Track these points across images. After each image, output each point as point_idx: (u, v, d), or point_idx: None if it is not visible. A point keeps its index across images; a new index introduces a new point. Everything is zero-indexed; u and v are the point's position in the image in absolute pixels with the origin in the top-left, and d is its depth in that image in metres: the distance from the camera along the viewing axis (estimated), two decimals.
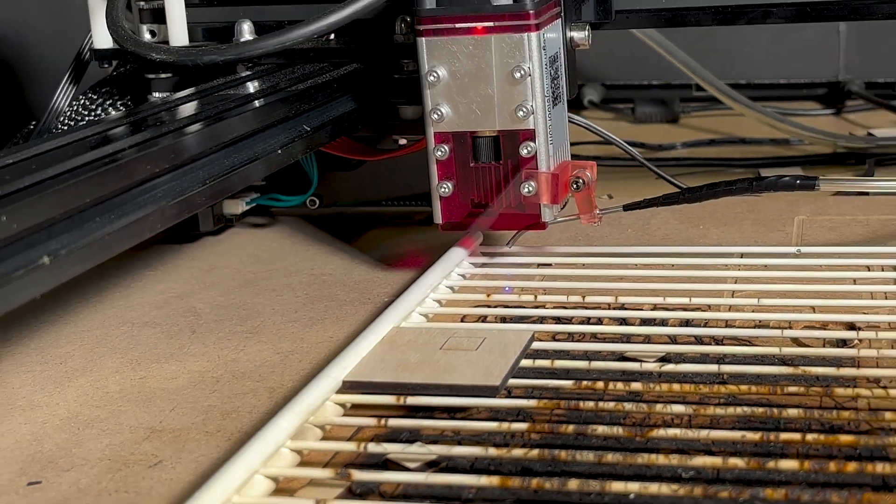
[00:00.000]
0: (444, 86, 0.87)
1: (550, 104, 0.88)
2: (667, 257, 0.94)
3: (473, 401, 0.69)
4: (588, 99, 1.67)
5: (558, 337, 0.79)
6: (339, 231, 1.12)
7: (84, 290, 0.98)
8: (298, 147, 0.89)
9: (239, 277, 1.00)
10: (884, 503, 0.55)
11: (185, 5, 1.05)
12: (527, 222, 0.90)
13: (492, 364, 0.71)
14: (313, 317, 0.90)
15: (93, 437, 0.72)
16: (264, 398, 0.76)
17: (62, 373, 0.82)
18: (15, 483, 0.66)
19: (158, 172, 0.74)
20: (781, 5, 0.99)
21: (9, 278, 0.59)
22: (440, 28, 0.86)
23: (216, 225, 1.12)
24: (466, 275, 0.91)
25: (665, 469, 0.60)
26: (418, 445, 0.65)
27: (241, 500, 0.59)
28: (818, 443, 0.62)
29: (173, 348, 0.85)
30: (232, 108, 0.87)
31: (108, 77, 1.10)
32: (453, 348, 0.74)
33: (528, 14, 0.85)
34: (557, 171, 0.89)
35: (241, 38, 1.05)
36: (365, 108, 1.00)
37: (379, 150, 1.09)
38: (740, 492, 0.57)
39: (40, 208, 0.63)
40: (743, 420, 0.65)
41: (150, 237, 0.72)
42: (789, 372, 0.70)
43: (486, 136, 0.88)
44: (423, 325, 0.81)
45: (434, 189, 0.90)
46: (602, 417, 0.67)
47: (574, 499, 0.58)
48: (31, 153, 0.73)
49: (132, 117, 0.86)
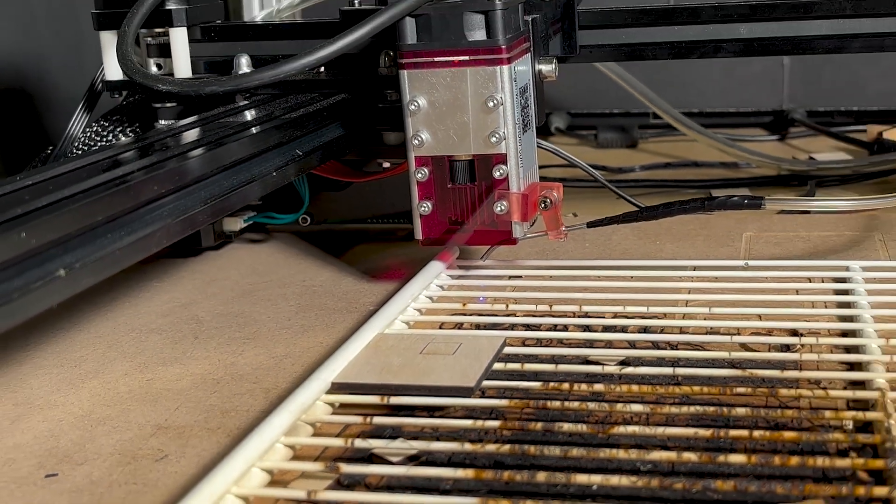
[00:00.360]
0: (424, 114, 0.87)
1: (521, 131, 0.89)
2: (626, 270, 0.94)
3: (450, 400, 0.69)
4: (555, 126, 1.67)
5: (528, 342, 0.79)
6: (329, 246, 1.12)
7: (96, 300, 0.98)
8: (291, 170, 0.89)
9: (237, 288, 1.00)
10: (823, 493, 0.55)
11: (188, 41, 1.05)
12: (499, 238, 0.90)
13: (467, 367, 0.71)
14: (305, 324, 0.90)
15: (104, 433, 0.72)
16: (260, 398, 0.76)
17: (76, 375, 0.82)
18: (34, 475, 0.66)
19: (164, 193, 0.74)
20: (730, 41, 1.00)
21: (28, 289, 0.59)
22: (420, 61, 0.86)
23: (216, 241, 1.12)
24: (444, 286, 0.91)
25: (625, 463, 0.60)
26: (400, 441, 0.65)
27: (239, 491, 0.59)
28: (764, 439, 0.62)
29: (177, 353, 0.85)
30: (231, 135, 0.87)
31: (119, 106, 1.09)
32: (432, 353, 0.74)
33: (501, 49, 0.85)
34: (527, 191, 0.89)
35: (239, 71, 1.05)
36: (352, 134, 1.00)
37: (365, 172, 1.09)
38: (693, 483, 0.57)
39: (57, 225, 0.63)
40: (695, 418, 0.65)
41: (156, 252, 0.72)
42: (738, 374, 0.71)
43: (463, 160, 0.88)
44: (405, 332, 0.81)
45: (415, 208, 0.90)
46: (567, 416, 0.67)
47: (542, 490, 0.58)
48: (49, 175, 0.73)
49: (140, 143, 0.86)
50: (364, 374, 0.72)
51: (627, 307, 0.85)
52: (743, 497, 0.56)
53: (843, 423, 0.64)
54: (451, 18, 0.85)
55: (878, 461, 0.58)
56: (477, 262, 0.97)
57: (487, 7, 0.85)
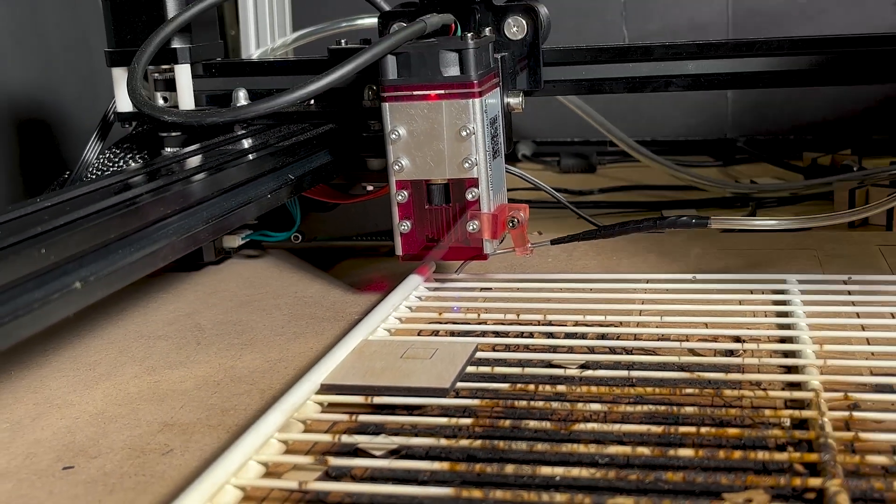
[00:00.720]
0: (403, 142, 0.87)
1: (491, 157, 0.89)
2: (586, 283, 0.95)
3: (428, 400, 0.69)
4: (522, 153, 1.67)
5: (497, 348, 0.79)
6: (318, 261, 1.12)
7: (109, 310, 0.98)
8: (284, 192, 0.89)
9: (236, 299, 1.00)
10: (763, 484, 0.56)
11: (191, 76, 1.06)
12: (471, 254, 0.90)
13: (443, 370, 0.72)
14: (297, 331, 0.90)
15: (116, 430, 0.72)
16: (256, 398, 0.76)
17: (91, 377, 0.82)
18: (52, 467, 0.67)
19: (170, 213, 0.75)
20: (680, 77, 1.01)
21: (47, 300, 0.59)
22: (401, 95, 0.86)
23: (217, 256, 1.12)
24: (422, 297, 0.91)
25: (585, 456, 0.61)
26: (383, 437, 0.65)
27: (237, 482, 0.59)
28: (710, 435, 0.62)
29: (182, 357, 0.85)
30: (230, 161, 0.87)
31: (129, 135, 1.10)
32: (411, 357, 0.74)
33: (473, 83, 0.85)
34: (497, 212, 0.89)
35: (237, 103, 1.05)
36: (339, 160, 1.00)
37: (350, 194, 1.09)
38: (646, 475, 0.57)
39: (73, 242, 0.63)
40: (648, 416, 0.66)
41: (162, 266, 0.72)
42: (686, 377, 0.71)
43: (439, 184, 0.88)
44: (387, 339, 0.81)
45: (395, 227, 0.90)
46: (533, 414, 0.67)
47: (510, 481, 0.59)
48: (66, 197, 0.73)
49: (148, 168, 0.86)
50: (350, 377, 0.72)
51: (587, 316, 0.85)
52: (691, 487, 0.57)
53: (782, 420, 0.64)
54: (429, 56, 0.86)
55: (813, 455, 0.58)
56: (451, 275, 0.98)
57: (461, 46, 0.86)
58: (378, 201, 1.04)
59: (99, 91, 1.45)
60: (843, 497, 0.54)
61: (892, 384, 0.68)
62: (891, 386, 0.68)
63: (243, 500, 0.59)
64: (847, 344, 0.76)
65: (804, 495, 0.56)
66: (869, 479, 0.56)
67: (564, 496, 0.55)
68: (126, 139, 1.09)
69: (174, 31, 1.02)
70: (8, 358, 0.86)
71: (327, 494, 0.59)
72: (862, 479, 0.56)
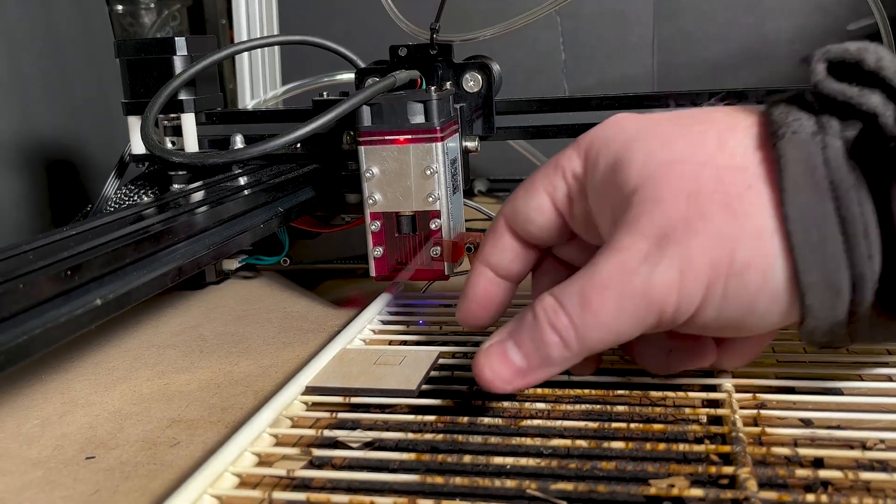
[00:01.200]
0: (377, 180, 0.88)
1: (451, 192, 0.89)
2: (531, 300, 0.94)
3: (397, 400, 0.69)
4: (478, 189, 1.67)
5: (457, 355, 0.79)
6: (304, 281, 1.12)
7: (125, 323, 0.97)
8: (275, 223, 0.89)
9: (233, 314, 1.00)
10: (684, 471, 0.56)
11: (195, 123, 1.06)
12: (435, 275, 0.90)
13: (410, 374, 0.72)
14: (285, 341, 0.90)
15: (131, 425, 0.72)
16: (251, 398, 0.76)
17: (110, 380, 0.82)
18: (77, 457, 0.67)
19: (177, 241, 0.75)
20: None
21: (72, 315, 0.59)
22: (374, 139, 0.87)
23: (217, 277, 1.12)
24: (392, 312, 0.91)
25: (531, 448, 0.61)
26: (359, 431, 0.65)
27: (234, 470, 0.59)
28: (638, 430, 0.63)
29: (188, 363, 0.85)
30: (228, 196, 0.87)
31: (142, 174, 1.09)
32: (383, 363, 0.74)
33: (436, 130, 0.86)
34: (456, 239, 0.89)
35: (234, 146, 1.05)
36: (321, 195, 1.01)
37: (331, 224, 1.09)
38: (584, 464, 0.58)
39: (95, 266, 0.63)
40: (586, 414, 0.66)
41: (171, 286, 0.73)
42: (618, 380, 0.71)
43: (407, 215, 0.88)
44: (363, 347, 0.81)
45: (370, 252, 0.90)
46: (487, 412, 0.67)
47: (468, 469, 0.59)
48: (88, 227, 0.73)
49: (159, 202, 0.87)
50: (331, 380, 0.72)
51: None
52: (622, 475, 0.57)
53: (699, 417, 0.65)
54: (398, 106, 0.86)
55: (726, 447, 0.59)
56: (418, 293, 0.98)
57: (425, 98, 0.86)
58: (355, 230, 1.04)
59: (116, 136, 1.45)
60: (751, 483, 0.54)
61: (794, 386, 0.68)
62: (792, 388, 0.68)
63: (240, 485, 0.59)
64: None
65: (719, 481, 0.56)
66: (774, 467, 0.56)
67: (514, 482, 0.56)
68: (140, 177, 1.09)
69: (181, 86, 1.02)
70: (39, 364, 0.86)
71: (311, 480, 0.59)
72: (768, 467, 0.56)
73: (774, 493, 0.53)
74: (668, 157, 0.57)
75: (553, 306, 0.59)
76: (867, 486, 0.55)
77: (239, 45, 1.09)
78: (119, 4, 1.64)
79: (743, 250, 0.54)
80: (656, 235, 0.55)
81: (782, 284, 0.54)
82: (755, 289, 0.54)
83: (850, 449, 0.59)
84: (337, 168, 1.03)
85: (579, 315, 0.57)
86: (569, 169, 0.64)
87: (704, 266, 0.54)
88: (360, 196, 0.90)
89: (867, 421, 0.63)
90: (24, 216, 1.31)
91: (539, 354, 0.60)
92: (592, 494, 0.55)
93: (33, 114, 1.35)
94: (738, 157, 0.56)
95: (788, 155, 0.54)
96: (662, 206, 0.56)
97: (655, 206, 0.56)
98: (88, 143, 1.44)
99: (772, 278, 0.54)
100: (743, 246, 0.54)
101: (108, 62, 1.17)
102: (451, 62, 0.99)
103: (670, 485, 0.55)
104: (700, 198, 0.55)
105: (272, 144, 0.85)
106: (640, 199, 0.57)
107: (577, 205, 0.64)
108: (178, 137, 1.07)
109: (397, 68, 0.98)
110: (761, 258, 0.54)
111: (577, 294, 0.58)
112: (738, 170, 0.55)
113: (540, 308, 0.59)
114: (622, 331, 0.57)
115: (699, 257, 0.54)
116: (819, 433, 0.61)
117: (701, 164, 0.56)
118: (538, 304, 0.60)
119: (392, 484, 0.57)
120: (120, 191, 1.08)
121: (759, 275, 0.54)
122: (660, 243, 0.55)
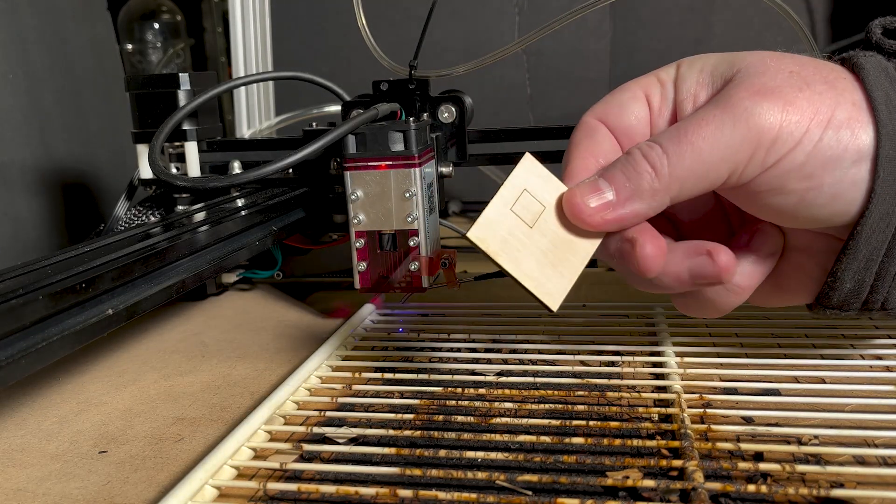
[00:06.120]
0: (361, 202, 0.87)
1: (428, 213, 0.89)
2: (501, 310, 0.96)
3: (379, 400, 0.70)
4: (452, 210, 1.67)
5: (433, 360, 0.79)
6: (296, 293, 1.12)
7: (134, 330, 0.97)
8: (269, 240, 0.89)
9: (232, 322, 1.00)
10: (638, 464, 0.57)
11: (198, 151, 1.06)
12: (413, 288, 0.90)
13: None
14: (279, 347, 0.90)
15: (140, 423, 0.72)
16: (248, 399, 0.76)
17: (120, 382, 0.82)
18: (91, 452, 0.67)
19: (181, 256, 0.75)
20: None
21: (87, 323, 0.59)
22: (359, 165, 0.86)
23: (217, 289, 1.12)
24: (375, 321, 0.92)
25: (500, 443, 0.61)
26: (345, 428, 0.65)
27: (232, 463, 0.60)
28: (596, 427, 0.63)
29: (191, 367, 0.85)
30: (227, 216, 0.87)
31: (150, 196, 1.09)
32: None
33: (414, 157, 0.86)
34: (432, 255, 0.89)
35: (233, 172, 1.05)
36: (311, 216, 1.01)
37: (320, 242, 1.09)
38: (547, 458, 0.58)
39: (106, 279, 0.63)
40: (549, 412, 0.66)
41: (175, 297, 0.73)
42: (578, 382, 0.72)
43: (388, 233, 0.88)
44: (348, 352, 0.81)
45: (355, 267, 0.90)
46: (460, 410, 0.68)
47: (443, 462, 0.59)
48: (101, 244, 0.73)
49: (164, 222, 0.86)
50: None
51: (502, 335, 0.86)
52: (582, 467, 0.57)
53: (651, 415, 0.65)
54: (380, 135, 0.86)
55: (676, 442, 0.59)
56: (398, 304, 0.98)
57: (405, 128, 0.86)
58: (341, 247, 1.04)
59: (126, 162, 1.45)
60: (698, 474, 0.55)
61: (736, 388, 0.69)
62: (735, 389, 0.69)
63: (237, 476, 0.59)
64: (702, 357, 0.77)
65: (669, 473, 0.56)
66: (718, 461, 0.56)
67: (485, 474, 0.56)
68: (147, 199, 1.09)
69: (184, 117, 1.02)
70: (56, 367, 0.86)
71: (302, 472, 0.59)
72: (713, 460, 0.57)
73: (719, 483, 0.53)
74: (768, 54, 0.59)
75: (648, 143, 0.56)
76: (802, 478, 0.55)
77: (237, 81, 1.09)
78: (129, 44, 1.64)
79: (841, 112, 0.56)
80: (760, 91, 0.56)
81: (867, 149, 0.55)
82: (845, 145, 0.55)
83: (788, 444, 0.60)
84: (325, 191, 1.03)
85: (675, 144, 0.54)
86: (663, 73, 0.62)
87: (808, 111, 0.55)
88: (345, 216, 0.90)
89: (802, 419, 0.63)
90: (44, 234, 1.31)
91: (629, 185, 0.55)
92: (555, 485, 0.55)
93: (52, 143, 1.34)
94: (828, 69, 0.59)
95: (868, 65, 0.57)
96: (768, 73, 0.57)
97: (760, 74, 0.57)
98: (101, 169, 1.44)
99: (859, 141, 0.55)
100: (841, 109, 0.56)
101: (119, 96, 1.17)
102: (428, 95, 0.99)
103: (625, 476, 0.55)
104: (802, 74, 0.57)
105: (266, 170, 0.85)
106: (744, 74, 0.57)
107: (664, 107, 0.61)
108: (182, 163, 1.07)
109: (379, 101, 0.98)
110: (856, 122, 0.56)
111: (674, 130, 0.56)
112: (831, 69, 0.58)
113: (634, 147, 0.57)
114: (713, 161, 0.54)
115: (804, 102, 0.56)
116: (759, 430, 0.61)
117: (800, 63, 0.58)
118: (632, 147, 0.58)
119: (375, 476, 0.58)
120: (129, 211, 1.08)
121: (851, 134, 0.56)
122: (765, 94, 0.56)
